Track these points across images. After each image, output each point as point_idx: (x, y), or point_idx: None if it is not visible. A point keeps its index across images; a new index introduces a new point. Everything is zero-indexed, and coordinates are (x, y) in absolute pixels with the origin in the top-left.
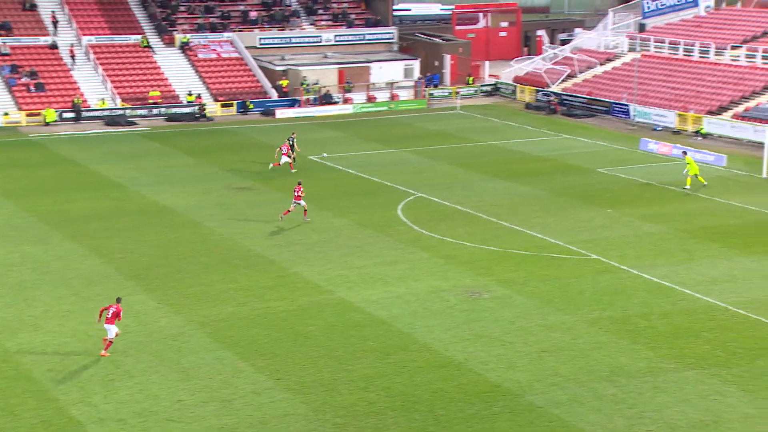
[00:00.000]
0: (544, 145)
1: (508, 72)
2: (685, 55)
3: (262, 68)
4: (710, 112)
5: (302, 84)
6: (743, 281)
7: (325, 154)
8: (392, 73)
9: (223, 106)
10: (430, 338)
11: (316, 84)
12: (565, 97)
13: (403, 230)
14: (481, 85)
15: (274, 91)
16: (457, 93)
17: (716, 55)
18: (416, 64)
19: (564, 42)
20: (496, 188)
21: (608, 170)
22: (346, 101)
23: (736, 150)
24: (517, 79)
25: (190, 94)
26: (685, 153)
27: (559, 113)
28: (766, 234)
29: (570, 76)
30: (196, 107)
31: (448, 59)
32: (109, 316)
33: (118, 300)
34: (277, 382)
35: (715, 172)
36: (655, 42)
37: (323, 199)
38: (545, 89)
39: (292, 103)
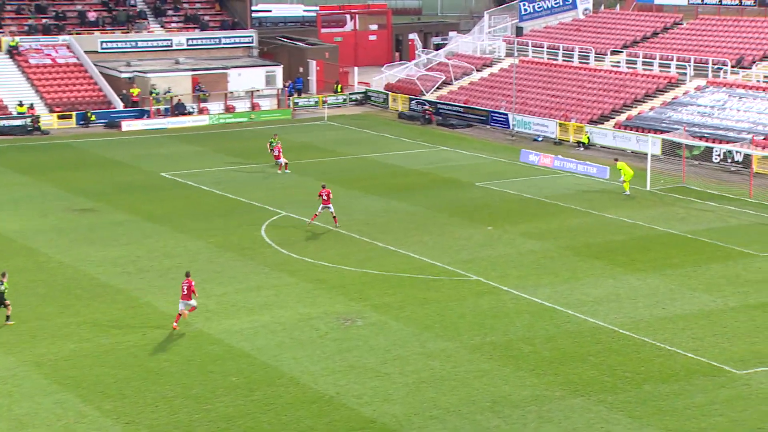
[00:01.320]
0: (419, 158)
1: (379, 79)
2: (564, 60)
3: (105, 75)
4: (592, 121)
5: (151, 93)
6: (628, 301)
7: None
8: (252, 81)
9: (60, 117)
10: (298, 371)
11: (168, 93)
12: (440, 106)
13: (268, 253)
14: (350, 94)
15: (119, 100)
16: (324, 102)
17: (596, 60)
18: (279, 71)
19: (438, 46)
20: (368, 205)
21: (488, 184)
22: (201, 112)
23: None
24: (389, 87)
25: (21, 105)
26: (616, 160)
27: (435, 123)
28: (651, 250)
29: (445, 83)
30: (29, 119)
31: (313, 65)
32: (185, 292)
33: (187, 274)
34: (127, 426)
35: (599, 185)
36: (534, 47)
37: (177, 220)
38: (419, 97)
39: (141, 114)
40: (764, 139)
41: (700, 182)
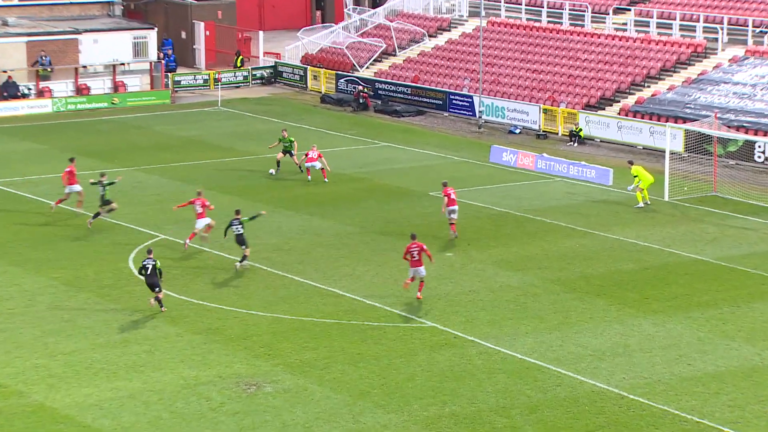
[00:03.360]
0: (351, 158)
1: (294, 48)
2: (550, 22)
3: None
4: (589, 106)
5: None
6: (642, 354)
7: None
8: (115, 51)
9: None
10: None
11: None
12: (380, 86)
13: (138, 292)
14: (254, 69)
15: None
16: (218, 81)
17: (594, 22)
18: (152, 36)
19: (376, 3)
20: (281, 224)
21: None
22: (41, 94)
23: (626, 161)
24: (308, 59)
25: None
26: (631, 163)
27: (372, 109)
28: (671, 284)
29: (386, 53)
30: None
31: (201, 29)
32: (200, 211)
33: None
34: None
35: (600, 194)
36: (508, 2)
37: (7, 248)
38: (350, 74)
39: None
40: None
41: (737, 190)
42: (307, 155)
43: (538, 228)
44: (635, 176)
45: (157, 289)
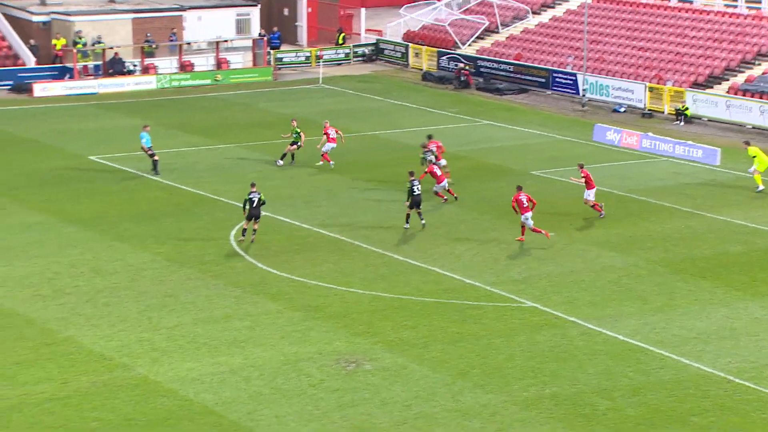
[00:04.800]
0: (452, 137)
1: (396, 25)
2: None
3: (10, 19)
4: (696, 85)
5: (76, 44)
6: (749, 338)
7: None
8: (218, 28)
9: None
10: None
11: (99, 43)
12: (482, 64)
13: (240, 268)
14: (356, 46)
15: (30, 54)
16: (319, 58)
17: None
18: (255, 13)
19: None
20: (380, 203)
21: (548, 173)
22: (146, 70)
23: (735, 140)
24: (410, 36)
25: None
26: (747, 143)
27: (474, 87)
28: None
29: (489, 30)
30: None
31: (303, 5)
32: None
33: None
34: None
35: (707, 174)
36: None
37: (112, 222)
38: (452, 51)
39: (61, 74)
40: None
41: None
42: (327, 135)
43: (642, 208)
44: (753, 156)
45: (257, 219)
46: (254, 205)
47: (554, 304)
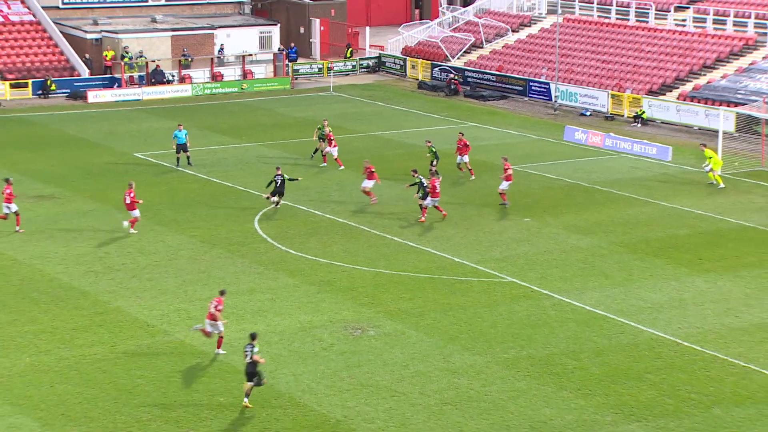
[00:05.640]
0: (443, 136)
1: (396, 41)
2: (618, 18)
3: (67, 36)
4: (651, 92)
5: (123, 57)
6: (695, 307)
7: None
8: (244, 44)
9: (13, 86)
10: (298, 390)
11: (142, 57)
12: (468, 74)
13: (262, 249)
14: (361, 59)
15: (84, 66)
16: (330, 69)
17: (657, 18)
18: (275, 31)
19: (466, 2)
20: (382, 192)
21: (525, 167)
22: (183, 80)
23: (683, 140)
24: (407, 51)
25: None
26: (704, 146)
27: (462, 94)
28: (722, 246)
29: (475, 46)
30: None
31: (317, 25)
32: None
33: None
34: None
35: (660, 169)
36: (581, 2)
37: (154, 210)
38: (443, 64)
39: (111, 83)
40: None
41: None
42: (331, 141)
43: (605, 197)
44: (710, 158)
45: (281, 195)
46: (278, 184)
47: (530, 279)
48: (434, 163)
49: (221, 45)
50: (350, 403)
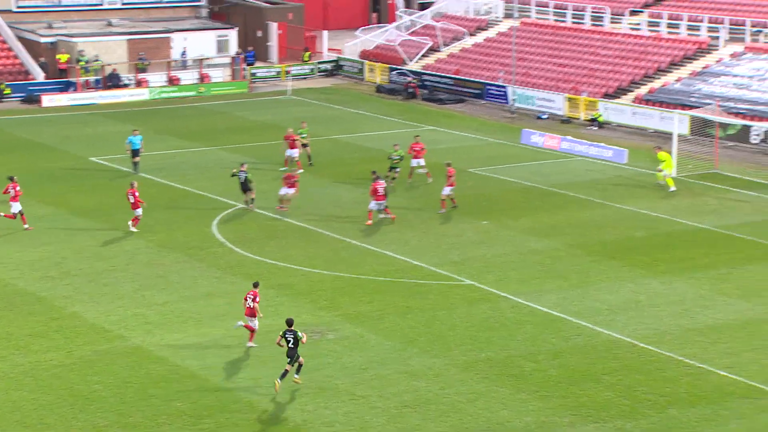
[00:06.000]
0: (401, 140)
1: (353, 45)
2: (574, 22)
3: (22, 40)
4: (607, 95)
5: (79, 61)
6: (651, 308)
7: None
8: (201, 47)
9: None
10: (257, 395)
11: (97, 61)
12: (426, 78)
13: (221, 253)
14: (319, 63)
15: (39, 69)
16: (288, 73)
17: (612, 22)
18: (233, 35)
19: (423, 6)
20: (340, 196)
21: (483, 170)
22: (139, 84)
23: (639, 142)
24: (365, 54)
25: None
26: (659, 148)
27: (420, 98)
28: (677, 248)
29: (432, 49)
30: None
31: (274, 28)
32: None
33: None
34: None
35: (616, 171)
36: (538, 6)
37: (111, 213)
38: (401, 67)
39: (66, 87)
40: None
41: (735, 167)
42: (293, 142)
43: (562, 200)
44: (663, 161)
45: (250, 192)
46: (242, 181)
47: (488, 282)
48: (395, 168)
49: (184, 48)
50: (309, 406)
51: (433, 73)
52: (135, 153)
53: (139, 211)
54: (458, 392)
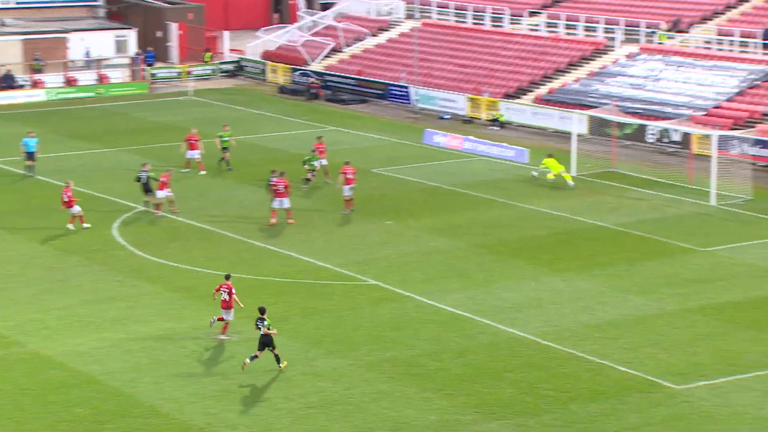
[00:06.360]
0: (304, 140)
1: (255, 45)
2: (475, 23)
3: None
4: (508, 96)
5: None
6: (552, 306)
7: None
8: (99, 48)
9: None
10: (159, 398)
11: None
12: (329, 78)
13: (122, 256)
14: (221, 63)
15: None
16: (189, 73)
17: (512, 23)
18: (132, 35)
19: (325, 6)
20: (243, 197)
21: (386, 170)
22: (35, 85)
23: (540, 142)
24: (267, 55)
25: None
26: (550, 156)
27: (323, 98)
28: (577, 246)
29: (335, 50)
30: None
31: (174, 29)
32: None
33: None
34: None
35: (517, 171)
36: (439, 7)
37: (7, 217)
38: (303, 68)
39: None
40: (705, 115)
41: (632, 166)
42: (194, 143)
43: (465, 200)
44: (544, 165)
45: (150, 193)
46: (144, 182)
47: (392, 282)
48: (309, 167)
49: (87, 49)
50: (213, 409)
51: (336, 73)
52: (30, 156)
53: (76, 209)
54: (363, 392)
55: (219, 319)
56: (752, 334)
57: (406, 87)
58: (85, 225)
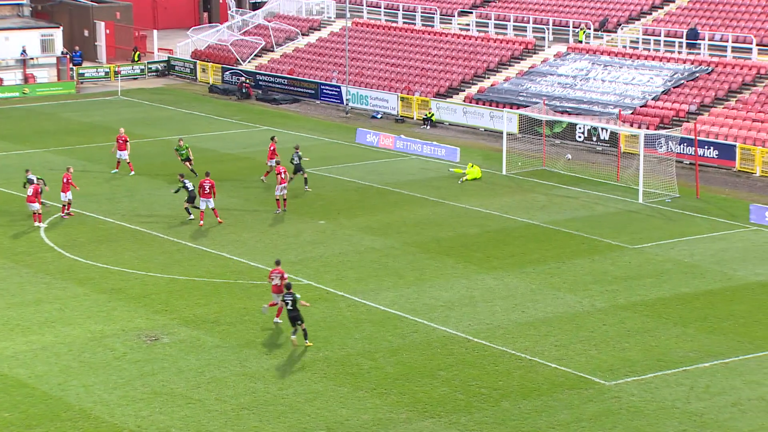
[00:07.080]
0: (235, 140)
1: (185, 45)
2: (405, 22)
3: None
4: (439, 95)
5: None
6: (484, 304)
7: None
8: (24, 47)
9: None
10: (89, 402)
11: None
12: (260, 78)
13: (49, 258)
14: (150, 63)
15: None
16: (117, 73)
17: (442, 23)
18: (58, 34)
19: (256, 5)
20: (173, 198)
21: (318, 170)
22: None
23: (471, 141)
24: (197, 54)
25: None
26: (472, 165)
27: (254, 98)
28: (508, 244)
29: (265, 49)
30: None
31: (102, 28)
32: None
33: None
34: None
35: (448, 169)
36: (369, 6)
37: None
38: (234, 67)
39: None
40: (632, 113)
41: (562, 164)
42: (123, 143)
43: (398, 199)
44: (465, 173)
45: (191, 201)
46: (189, 190)
47: (326, 281)
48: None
49: (23, 47)
50: (144, 412)
51: (267, 73)
52: None
53: (36, 206)
54: (296, 392)
55: (271, 305)
56: (680, 330)
57: (338, 86)
58: (41, 224)
